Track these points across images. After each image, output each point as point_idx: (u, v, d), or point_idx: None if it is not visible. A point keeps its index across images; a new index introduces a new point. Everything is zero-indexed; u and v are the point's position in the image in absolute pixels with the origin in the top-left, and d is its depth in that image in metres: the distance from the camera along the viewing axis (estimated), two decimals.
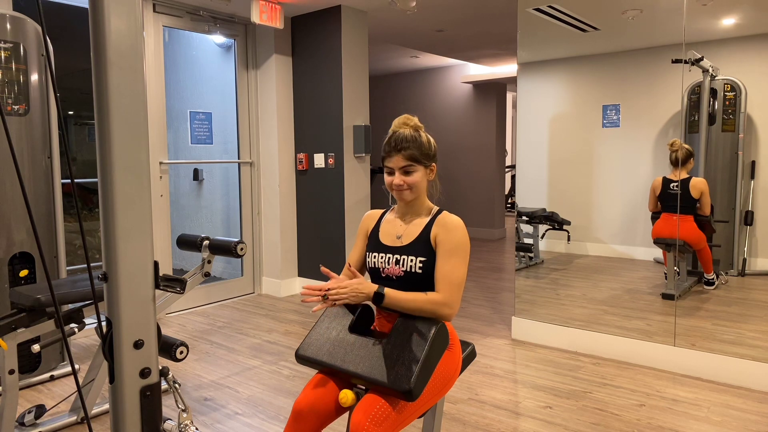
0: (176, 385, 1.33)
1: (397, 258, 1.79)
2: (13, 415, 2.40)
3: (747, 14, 2.99)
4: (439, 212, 1.83)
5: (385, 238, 1.87)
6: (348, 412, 1.74)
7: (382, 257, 1.83)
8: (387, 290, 1.68)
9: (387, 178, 1.81)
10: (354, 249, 1.97)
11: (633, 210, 3.47)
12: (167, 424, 1.29)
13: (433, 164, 1.84)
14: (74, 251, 5.60)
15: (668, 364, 3.34)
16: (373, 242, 1.89)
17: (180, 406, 1.32)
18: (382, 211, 1.97)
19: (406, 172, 1.78)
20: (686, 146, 3.22)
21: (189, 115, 5.15)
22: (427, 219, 1.83)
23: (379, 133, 9.26)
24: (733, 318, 3.16)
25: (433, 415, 1.89)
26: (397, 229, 1.86)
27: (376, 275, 1.85)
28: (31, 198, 3.21)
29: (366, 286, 1.69)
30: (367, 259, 1.87)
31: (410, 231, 1.83)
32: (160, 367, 1.19)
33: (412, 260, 1.76)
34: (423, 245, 1.77)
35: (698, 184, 3.21)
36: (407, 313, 1.69)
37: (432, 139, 1.85)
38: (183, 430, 1.27)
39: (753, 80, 3.02)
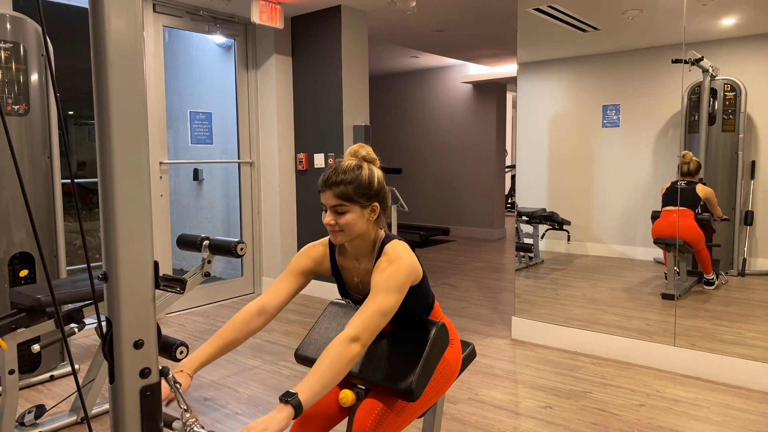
0: (177, 385, 1.32)
1: None
2: (13, 415, 2.40)
3: (747, 14, 2.99)
4: (383, 244, 1.60)
5: (350, 283, 1.71)
6: (348, 413, 1.74)
7: (354, 306, 1.76)
8: (297, 390, 1.30)
9: (322, 216, 1.58)
10: (276, 288, 1.64)
11: (633, 210, 3.47)
12: (176, 424, 1.29)
13: (375, 203, 1.58)
14: (74, 251, 5.60)
15: (668, 364, 3.34)
16: (341, 287, 1.73)
17: (182, 406, 1.32)
18: (327, 246, 1.72)
19: (338, 212, 1.55)
20: (696, 159, 3.22)
21: (189, 115, 5.15)
22: (374, 260, 1.62)
23: (379, 133, 9.26)
24: (733, 318, 3.16)
25: (433, 415, 1.89)
26: (354, 270, 1.69)
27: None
28: (31, 198, 3.21)
29: (271, 420, 1.24)
30: (342, 299, 1.79)
31: (365, 279, 1.67)
32: (160, 367, 1.19)
33: None
34: None
35: (705, 188, 3.21)
36: (334, 380, 1.36)
37: (378, 173, 1.60)
38: (189, 429, 1.26)
39: (753, 80, 3.02)
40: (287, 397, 1.27)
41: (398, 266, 1.51)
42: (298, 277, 1.68)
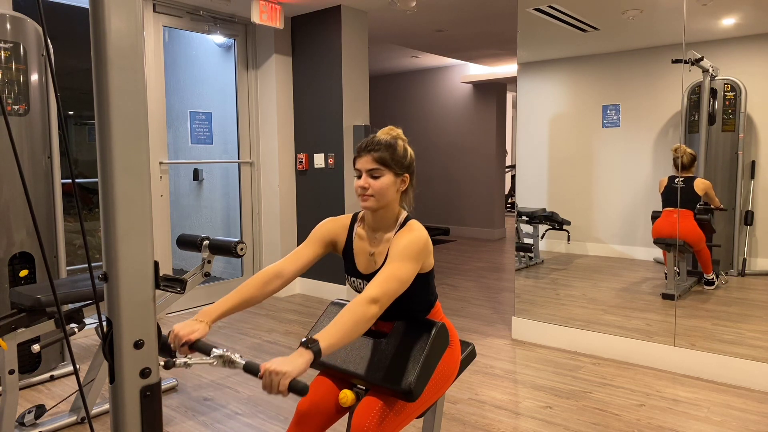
0: (188, 358, 1.36)
1: None
2: (13, 415, 2.40)
3: (747, 14, 2.99)
4: (406, 221, 1.69)
5: (360, 261, 1.74)
6: (348, 413, 1.74)
7: (360, 283, 1.75)
8: (318, 338, 1.34)
9: (355, 182, 1.67)
10: (297, 254, 1.71)
11: (633, 210, 3.47)
12: (214, 350, 1.37)
13: (407, 175, 1.68)
14: (74, 251, 5.60)
15: (668, 364, 3.34)
16: (349, 266, 1.76)
17: (211, 345, 1.41)
18: (349, 218, 1.79)
19: (373, 175, 1.63)
20: (690, 151, 3.23)
21: (189, 115, 5.15)
22: (394, 231, 1.68)
23: None
24: (733, 318, 3.16)
25: (433, 415, 1.89)
26: (369, 245, 1.73)
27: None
28: (32, 198, 3.21)
29: (291, 361, 1.29)
30: (347, 281, 1.80)
31: (381, 249, 1.70)
32: (162, 363, 1.24)
33: None
34: None
35: (702, 183, 3.21)
36: (351, 336, 1.40)
37: (411, 151, 1.71)
38: (226, 357, 1.34)
39: (753, 80, 3.02)
40: (309, 343, 1.32)
41: (418, 236, 1.59)
42: (317, 246, 1.74)
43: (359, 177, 1.65)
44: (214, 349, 1.37)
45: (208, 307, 1.54)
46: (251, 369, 1.30)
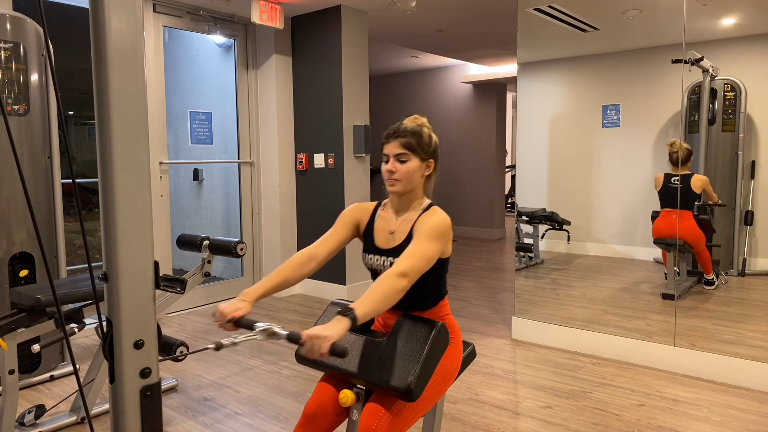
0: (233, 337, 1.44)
1: (391, 260, 1.76)
2: (13, 415, 2.40)
3: (747, 14, 2.99)
4: (429, 207, 1.77)
5: (380, 238, 1.81)
6: (347, 413, 1.74)
7: (377, 259, 1.80)
8: (354, 307, 1.45)
9: (382, 167, 1.77)
10: (326, 238, 1.82)
11: (633, 210, 3.47)
12: (257, 324, 1.47)
13: (432, 160, 1.78)
14: (74, 251, 5.60)
15: (668, 364, 3.34)
16: (368, 243, 1.84)
17: (253, 320, 1.51)
18: (374, 205, 1.90)
19: (400, 160, 1.73)
20: (685, 146, 3.23)
21: (189, 115, 5.15)
22: (417, 214, 1.76)
23: (379, 133, 9.25)
24: (733, 318, 3.16)
25: (433, 415, 1.89)
26: (390, 225, 1.81)
27: (374, 274, 1.85)
28: (32, 198, 3.21)
29: (331, 327, 1.39)
30: (364, 258, 1.85)
31: (402, 228, 1.77)
32: (213, 346, 1.38)
33: None
34: None
35: (699, 180, 3.21)
36: (383, 307, 1.50)
37: (435, 138, 1.80)
38: (269, 329, 1.44)
39: (753, 80, 3.02)
40: (346, 311, 1.43)
41: (443, 219, 1.68)
42: (344, 230, 1.85)
43: (387, 162, 1.75)
44: (257, 324, 1.47)
45: (249, 288, 1.64)
46: (294, 338, 1.41)
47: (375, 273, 1.84)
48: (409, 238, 1.73)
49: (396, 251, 1.76)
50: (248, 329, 1.49)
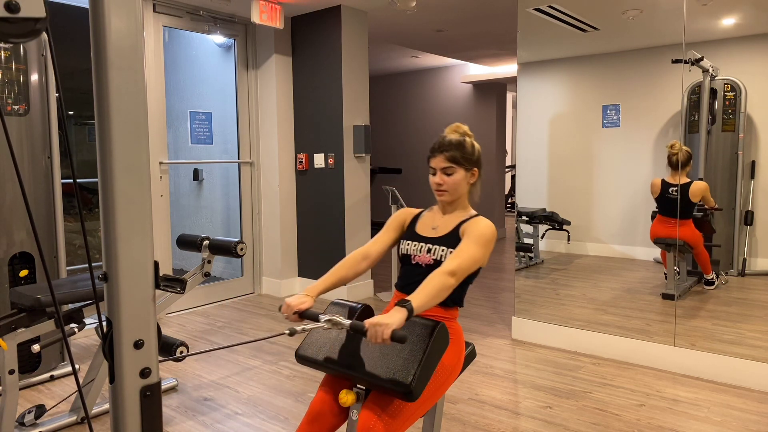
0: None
1: (429, 247, 1.86)
2: (13, 415, 2.40)
3: (747, 14, 2.99)
4: (475, 215, 1.89)
5: (422, 228, 1.93)
6: (347, 413, 1.75)
7: (414, 245, 1.90)
8: (410, 299, 1.56)
9: (431, 178, 1.90)
10: (377, 239, 1.98)
11: (633, 210, 3.47)
12: (321, 316, 1.62)
13: (475, 169, 1.90)
14: (74, 251, 5.60)
15: (668, 364, 3.34)
16: (409, 232, 1.95)
17: (317, 313, 1.67)
18: (420, 210, 2.04)
19: (446, 173, 1.85)
20: (686, 148, 3.22)
21: (189, 115, 5.15)
22: (464, 217, 1.89)
23: (379, 133, 9.26)
24: (733, 318, 3.16)
25: (433, 414, 1.89)
26: (435, 221, 1.93)
27: (405, 262, 1.92)
28: (31, 198, 3.21)
29: (391, 316, 1.51)
30: (400, 246, 1.95)
31: (447, 223, 1.89)
32: (287, 331, 1.51)
33: (443, 250, 1.83)
34: (456, 238, 1.83)
35: (698, 189, 3.20)
36: (434, 301, 1.61)
37: (477, 146, 1.92)
38: (333, 320, 1.59)
39: (753, 80, 3.02)
40: (404, 303, 1.54)
41: (490, 228, 1.80)
42: (392, 232, 1.99)
43: (434, 174, 1.88)
44: (321, 315, 1.63)
45: (311, 285, 1.79)
46: (357, 327, 1.54)
47: (407, 260, 1.91)
48: (450, 233, 1.85)
49: (434, 240, 1.86)
50: (313, 320, 1.65)
